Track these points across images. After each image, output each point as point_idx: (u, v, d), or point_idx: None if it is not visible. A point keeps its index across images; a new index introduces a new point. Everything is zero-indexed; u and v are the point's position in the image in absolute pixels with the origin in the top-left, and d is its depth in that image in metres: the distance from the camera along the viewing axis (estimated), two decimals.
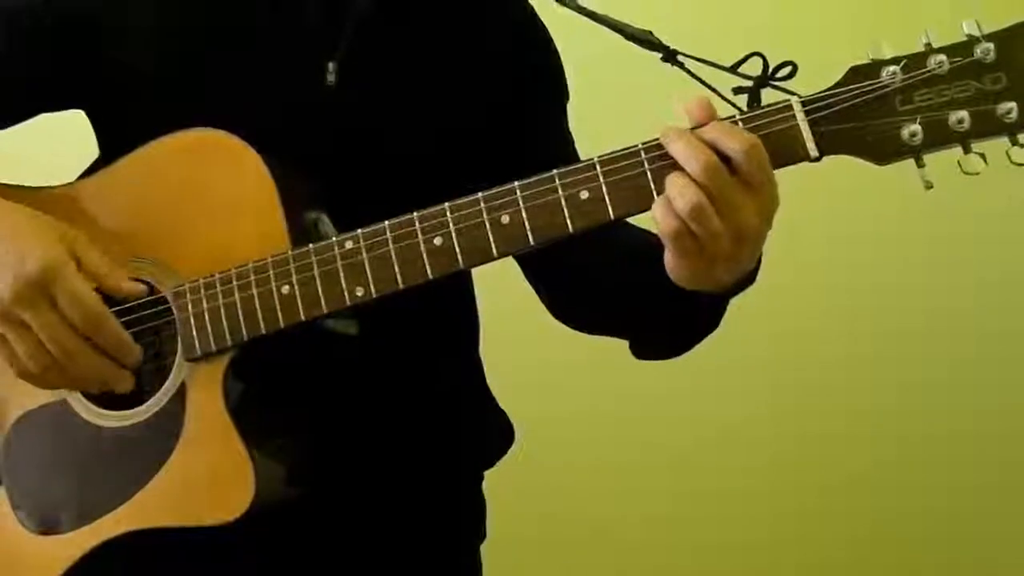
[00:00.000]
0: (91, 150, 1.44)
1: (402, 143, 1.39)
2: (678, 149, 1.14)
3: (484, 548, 1.52)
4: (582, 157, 1.25)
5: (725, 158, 1.13)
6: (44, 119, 1.44)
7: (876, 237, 2.53)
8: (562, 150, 1.46)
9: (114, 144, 1.38)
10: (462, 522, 1.49)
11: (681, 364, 1.41)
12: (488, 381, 1.52)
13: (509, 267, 1.46)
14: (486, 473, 1.52)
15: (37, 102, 1.42)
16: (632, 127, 1.24)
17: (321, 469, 1.33)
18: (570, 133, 1.49)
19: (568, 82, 1.51)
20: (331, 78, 1.36)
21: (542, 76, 1.49)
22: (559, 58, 1.50)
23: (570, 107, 1.51)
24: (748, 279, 1.24)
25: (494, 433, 1.50)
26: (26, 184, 1.39)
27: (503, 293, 1.53)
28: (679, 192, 1.13)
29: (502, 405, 1.51)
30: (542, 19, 1.48)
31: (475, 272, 1.49)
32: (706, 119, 1.15)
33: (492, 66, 1.44)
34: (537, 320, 1.50)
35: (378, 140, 1.38)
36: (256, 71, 1.36)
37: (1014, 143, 1.18)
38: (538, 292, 1.48)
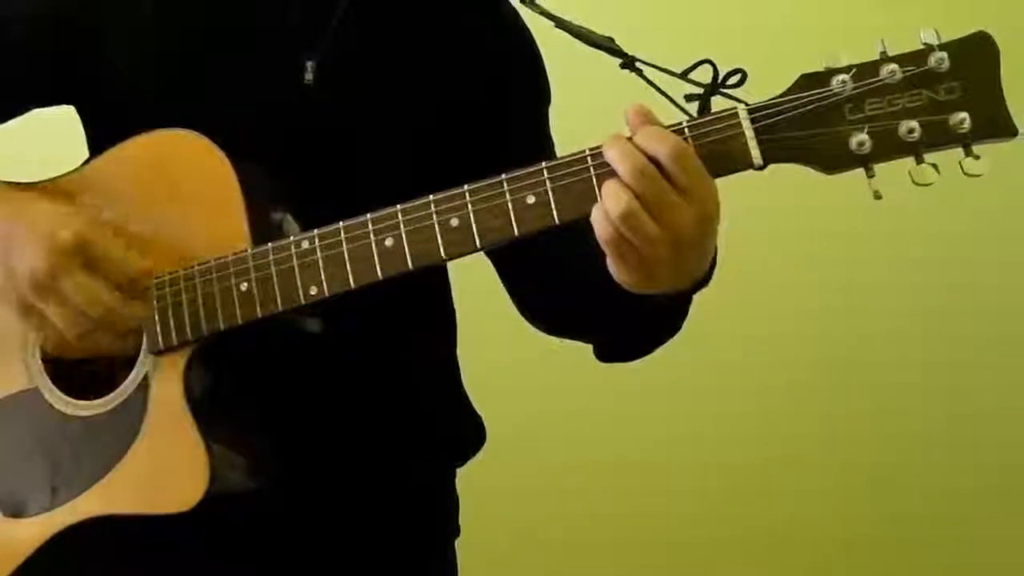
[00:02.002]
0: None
1: (380, 143, 1.41)
2: (611, 154, 1.14)
3: (461, 545, 1.54)
4: None
5: (658, 163, 1.13)
6: (41, 120, 1.50)
7: (855, 237, 2.51)
8: (542, 153, 1.46)
9: (99, 143, 1.42)
10: (434, 517, 1.50)
11: (657, 364, 1.42)
12: (467, 380, 1.53)
13: (487, 268, 1.48)
14: (465, 471, 1.53)
15: (31, 100, 1.46)
16: (592, 132, 1.24)
17: (287, 463, 1.35)
18: (550, 136, 1.50)
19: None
20: (309, 77, 1.39)
21: (524, 78, 1.50)
22: (541, 60, 1.51)
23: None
24: (702, 281, 1.24)
25: (463, 431, 1.51)
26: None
27: (481, 294, 1.53)
28: (612, 198, 1.13)
29: (479, 403, 1.52)
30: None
31: (452, 272, 1.51)
32: (643, 125, 1.15)
33: (474, 67, 1.45)
34: (515, 321, 1.51)
35: (355, 139, 1.40)
36: (236, 70, 1.39)
37: (968, 154, 1.16)
38: (509, 293, 1.49)
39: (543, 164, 1.20)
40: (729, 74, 1.19)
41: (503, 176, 1.21)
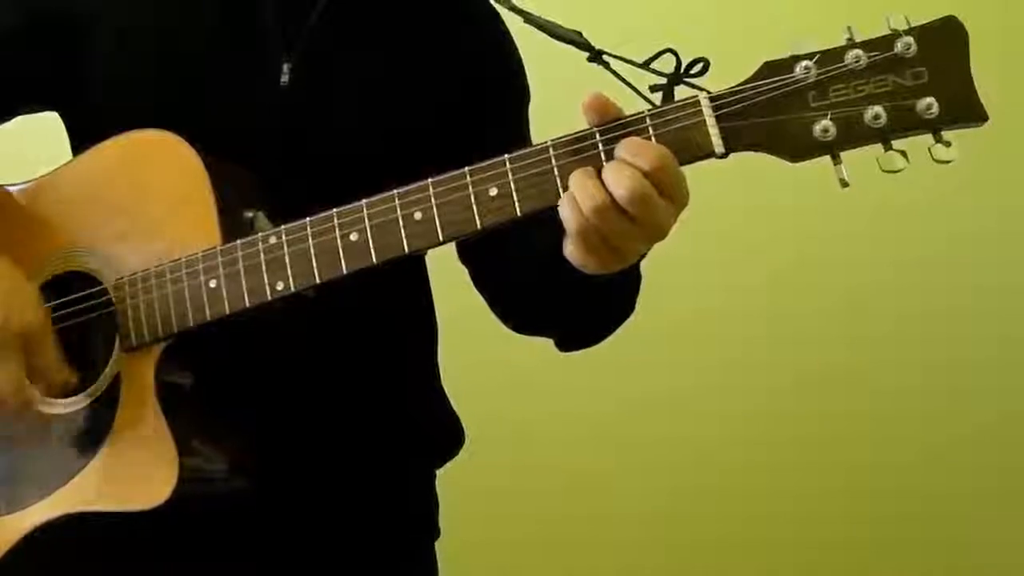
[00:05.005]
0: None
1: (355, 144, 1.41)
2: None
3: (443, 547, 1.53)
4: None
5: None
6: (40, 120, 1.51)
7: (856, 238, 2.49)
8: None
9: (78, 144, 1.43)
10: (413, 519, 1.50)
11: (640, 365, 1.40)
12: (445, 381, 1.52)
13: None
14: (445, 473, 1.52)
15: (17, 104, 1.48)
16: (561, 127, 1.23)
17: (265, 463, 1.34)
18: (528, 136, 1.49)
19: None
20: (285, 78, 1.39)
21: (499, 77, 1.49)
22: (519, 59, 1.50)
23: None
24: None
25: (443, 432, 1.51)
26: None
27: (460, 295, 1.53)
28: (582, 191, 1.13)
29: (457, 405, 1.52)
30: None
31: (432, 273, 1.51)
32: (597, 118, 1.15)
33: (451, 68, 1.45)
34: (494, 322, 1.50)
35: (330, 140, 1.40)
36: (212, 70, 1.40)
37: (938, 140, 1.14)
38: (479, 289, 1.48)
39: (505, 156, 1.19)
40: (692, 63, 1.18)
41: (466, 169, 1.20)
